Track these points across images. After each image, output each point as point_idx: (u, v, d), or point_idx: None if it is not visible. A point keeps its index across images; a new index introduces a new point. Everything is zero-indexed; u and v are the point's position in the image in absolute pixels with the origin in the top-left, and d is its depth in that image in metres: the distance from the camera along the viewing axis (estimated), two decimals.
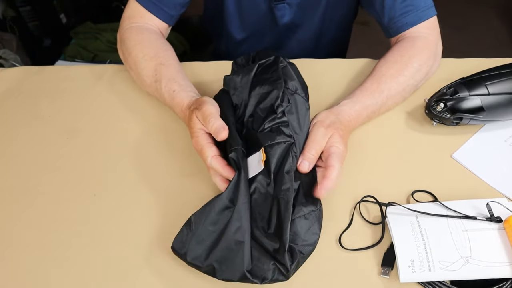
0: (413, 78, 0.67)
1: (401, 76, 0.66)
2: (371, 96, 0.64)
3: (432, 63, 0.70)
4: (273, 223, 0.51)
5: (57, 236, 0.57)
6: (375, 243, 0.54)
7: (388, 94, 0.65)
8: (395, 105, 0.68)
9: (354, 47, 1.10)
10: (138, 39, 0.73)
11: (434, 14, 0.72)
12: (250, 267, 0.49)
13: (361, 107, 0.64)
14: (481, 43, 1.98)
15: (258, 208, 0.53)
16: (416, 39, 0.70)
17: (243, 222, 0.50)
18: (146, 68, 0.69)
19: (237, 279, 0.48)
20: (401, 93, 0.67)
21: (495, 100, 0.61)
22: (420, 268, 0.50)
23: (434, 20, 0.72)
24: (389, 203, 0.57)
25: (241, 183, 0.52)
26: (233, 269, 0.49)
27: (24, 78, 0.80)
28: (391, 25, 0.73)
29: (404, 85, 0.67)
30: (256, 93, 0.60)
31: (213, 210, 0.51)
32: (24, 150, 0.68)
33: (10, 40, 1.56)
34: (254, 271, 0.49)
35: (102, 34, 1.59)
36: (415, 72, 0.67)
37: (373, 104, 0.64)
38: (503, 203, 0.54)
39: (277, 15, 0.85)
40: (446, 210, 0.55)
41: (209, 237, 0.50)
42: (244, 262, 0.49)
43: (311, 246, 0.51)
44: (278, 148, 0.54)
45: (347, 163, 0.62)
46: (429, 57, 0.69)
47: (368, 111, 0.64)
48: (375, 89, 0.65)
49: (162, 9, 0.76)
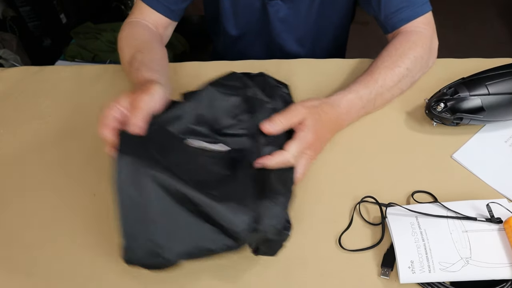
0: (409, 69, 0.67)
1: (396, 67, 0.66)
2: (365, 86, 0.64)
3: (428, 56, 0.70)
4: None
5: (57, 236, 0.57)
6: (375, 244, 0.54)
7: (384, 84, 0.65)
8: (392, 97, 0.68)
9: (354, 47, 1.10)
10: (128, 31, 0.75)
11: (429, 10, 0.72)
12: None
13: (354, 96, 0.63)
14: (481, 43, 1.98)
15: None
16: (411, 34, 0.71)
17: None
18: (126, 55, 0.70)
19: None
20: (398, 85, 0.67)
21: (496, 100, 0.60)
22: (420, 269, 0.50)
23: (429, 15, 0.72)
24: (389, 203, 0.57)
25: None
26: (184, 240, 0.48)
27: (24, 78, 0.80)
28: (387, 21, 0.74)
29: (400, 76, 0.66)
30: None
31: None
32: (24, 150, 0.68)
33: (10, 40, 1.56)
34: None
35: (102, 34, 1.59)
36: (410, 64, 0.67)
37: (368, 93, 0.64)
38: (503, 204, 0.54)
39: (270, 12, 0.84)
40: (446, 211, 0.55)
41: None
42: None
43: (275, 227, 0.49)
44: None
45: (347, 163, 0.62)
46: (424, 50, 0.69)
47: (363, 101, 0.64)
48: (369, 80, 0.65)
49: (162, 3, 0.76)
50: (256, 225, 0.48)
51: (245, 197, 0.50)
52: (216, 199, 0.48)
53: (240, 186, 0.51)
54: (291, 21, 0.87)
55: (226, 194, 0.49)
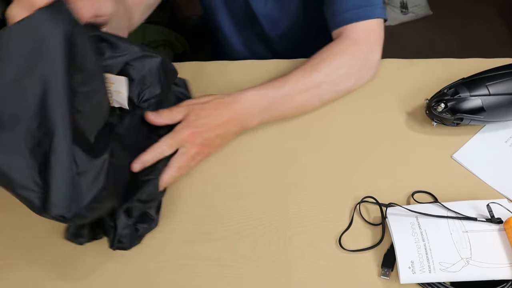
0: (329, 76, 0.63)
1: (315, 71, 0.63)
2: (272, 86, 0.62)
3: (360, 67, 0.65)
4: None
5: (57, 236, 0.57)
6: (375, 244, 0.54)
7: (295, 86, 0.62)
8: (309, 104, 0.65)
9: None
10: None
11: (379, 16, 0.66)
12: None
13: (256, 93, 0.61)
14: (481, 43, 1.97)
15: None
16: (345, 39, 0.66)
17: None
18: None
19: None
20: (313, 91, 0.63)
21: (496, 100, 0.60)
22: (420, 269, 0.50)
23: (377, 23, 0.66)
24: (389, 204, 0.57)
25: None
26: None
27: None
28: (332, 18, 0.69)
29: (316, 82, 0.63)
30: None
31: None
32: None
33: None
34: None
35: None
36: (332, 71, 0.63)
37: (273, 93, 0.62)
38: (504, 204, 0.54)
39: (253, 7, 0.84)
40: (446, 211, 0.55)
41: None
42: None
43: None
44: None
45: (347, 163, 0.62)
46: (353, 59, 0.64)
47: (268, 99, 0.61)
48: (280, 80, 0.62)
49: None
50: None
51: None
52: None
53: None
54: (275, 17, 0.86)
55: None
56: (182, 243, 0.56)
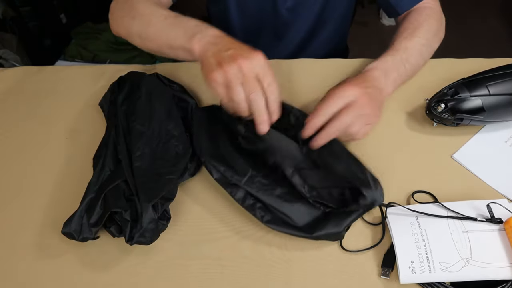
0: (426, 39, 0.69)
1: (414, 37, 0.69)
2: (389, 54, 0.66)
3: (440, 28, 0.73)
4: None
5: (57, 236, 0.57)
6: (375, 244, 0.54)
7: (406, 50, 0.67)
8: (418, 65, 0.69)
9: (354, 47, 1.09)
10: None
11: None
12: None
13: (384, 60, 0.65)
14: (481, 43, 1.98)
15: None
16: (423, 9, 0.74)
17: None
18: (156, 10, 0.65)
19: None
20: (420, 53, 0.69)
21: (496, 100, 0.60)
22: (420, 269, 0.50)
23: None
24: (389, 203, 0.57)
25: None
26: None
27: (24, 78, 0.80)
28: (398, 3, 0.76)
29: (419, 45, 0.69)
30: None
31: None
32: (24, 150, 0.67)
33: (10, 40, 1.56)
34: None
35: (102, 34, 1.59)
36: (427, 34, 0.70)
37: (393, 59, 0.65)
38: (504, 204, 0.54)
39: (279, 2, 0.84)
40: (446, 211, 0.55)
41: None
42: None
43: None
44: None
45: None
46: (437, 23, 0.73)
47: (394, 63, 0.65)
48: (392, 49, 0.67)
49: None
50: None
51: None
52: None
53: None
54: (299, 11, 0.87)
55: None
56: (182, 243, 0.56)
